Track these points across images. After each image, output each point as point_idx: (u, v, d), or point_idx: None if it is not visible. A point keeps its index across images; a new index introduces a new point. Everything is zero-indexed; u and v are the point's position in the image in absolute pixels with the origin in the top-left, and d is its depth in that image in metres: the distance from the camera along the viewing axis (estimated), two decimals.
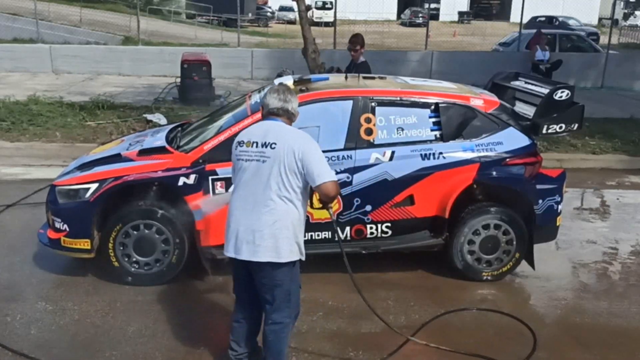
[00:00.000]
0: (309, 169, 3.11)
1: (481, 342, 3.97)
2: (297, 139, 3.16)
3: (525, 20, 15.97)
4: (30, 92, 11.01)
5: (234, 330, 3.48)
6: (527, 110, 5.09)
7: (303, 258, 3.31)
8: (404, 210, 4.65)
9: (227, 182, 4.42)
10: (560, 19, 25.10)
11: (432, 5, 26.63)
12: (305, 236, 4.50)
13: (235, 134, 4.44)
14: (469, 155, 4.66)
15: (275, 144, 3.13)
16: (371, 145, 4.60)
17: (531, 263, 4.83)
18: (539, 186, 4.81)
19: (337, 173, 4.46)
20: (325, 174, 3.13)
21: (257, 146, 3.17)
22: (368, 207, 4.60)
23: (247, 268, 3.28)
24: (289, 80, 5.14)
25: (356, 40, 6.73)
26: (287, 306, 3.29)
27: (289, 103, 3.26)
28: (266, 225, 3.13)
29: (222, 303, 4.39)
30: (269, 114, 3.29)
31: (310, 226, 4.56)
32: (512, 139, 4.77)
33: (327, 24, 24.41)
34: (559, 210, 4.90)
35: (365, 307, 4.37)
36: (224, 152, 4.47)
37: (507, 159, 4.71)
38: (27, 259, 5.00)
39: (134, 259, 4.55)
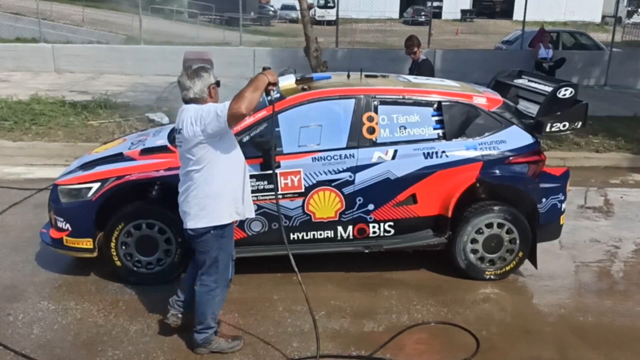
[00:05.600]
0: (207, 117, 3.32)
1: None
2: (189, 114, 3.41)
3: (528, 19, 15.91)
4: (32, 92, 11.02)
5: (182, 280, 4.01)
6: (530, 109, 5.07)
7: (226, 221, 3.54)
8: (406, 209, 4.64)
9: None
10: None
11: (435, 4, 26.58)
12: (307, 235, 4.59)
13: (237, 133, 4.48)
14: (471, 153, 4.64)
15: (181, 129, 3.46)
16: (373, 144, 4.58)
17: (534, 262, 4.81)
18: (542, 185, 4.79)
19: (339, 172, 4.49)
20: (220, 107, 3.32)
21: (177, 134, 3.57)
22: (371, 206, 4.58)
23: None
24: (290, 79, 5.13)
25: (412, 43, 7.17)
26: (215, 272, 3.62)
27: (190, 90, 3.48)
28: (191, 196, 3.51)
29: (224, 301, 4.38)
30: (184, 102, 3.57)
31: (311, 225, 4.57)
32: (516, 137, 4.75)
33: (329, 23, 24.37)
34: (562, 209, 4.88)
35: (368, 306, 4.38)
36: None
37: (511, 158, 4.69)
38: (29, 258, 5.01)
39: (136, 258, 4.55)
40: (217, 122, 3.30)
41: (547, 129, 4.78)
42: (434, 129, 4.68)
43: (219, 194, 3.48)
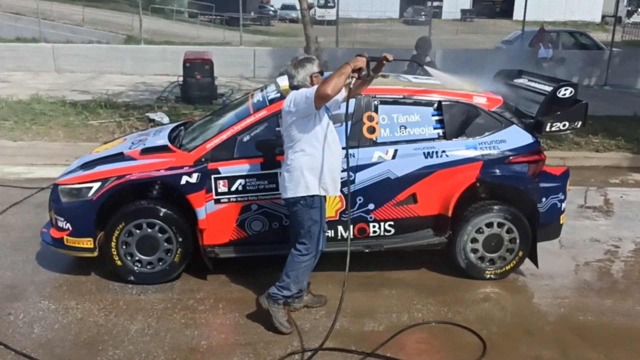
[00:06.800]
0: (299, 100, 3.75)
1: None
2: (289, 97, 3.87)
3: (528, 19, 15.91)
4: (33, 91, 11.04)
5: None
6: (530, 108, 5.06)
7: (312, 193, 3.84)
8: (407, 209, 4.64)
9: (230, 180, 4.42)
10: None
11: (435, 4, 26.55)
12: None
13: (238, 133, 4.49)
14: (472, 153, 4.65)
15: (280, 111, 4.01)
16: (374, 143, 4.59)
17: (535, 261, 4.81)
18: (542, 184, 4.79)
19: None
20: (310, 90, 3.73)
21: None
22: (371, 206, 4.59)
23: None
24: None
25: (428, 45, 7.29)
26: (307, 240, 3.95)
27: (294, 79, 3.93)
28: (284, 170, 3.94)
29: (224, 301, 4.39)
30: (290, 89, 4.00)
31: None
32: (516, 137, 4.75)
33: (329, 22, 24.35)
34: (562, 209, 4.88)
35: (368, 305, 4.39)
36: (226, 150, 4.48)
37: (511, 157, 4.69)
38: (30, 257, 5.01)
39: (137, 258, 4.55)
40: (305, 104, 3.72)
41: (547, 129, 4.79)
42: (434, 128, 4.69)
43: (305, 167, 3.83)
